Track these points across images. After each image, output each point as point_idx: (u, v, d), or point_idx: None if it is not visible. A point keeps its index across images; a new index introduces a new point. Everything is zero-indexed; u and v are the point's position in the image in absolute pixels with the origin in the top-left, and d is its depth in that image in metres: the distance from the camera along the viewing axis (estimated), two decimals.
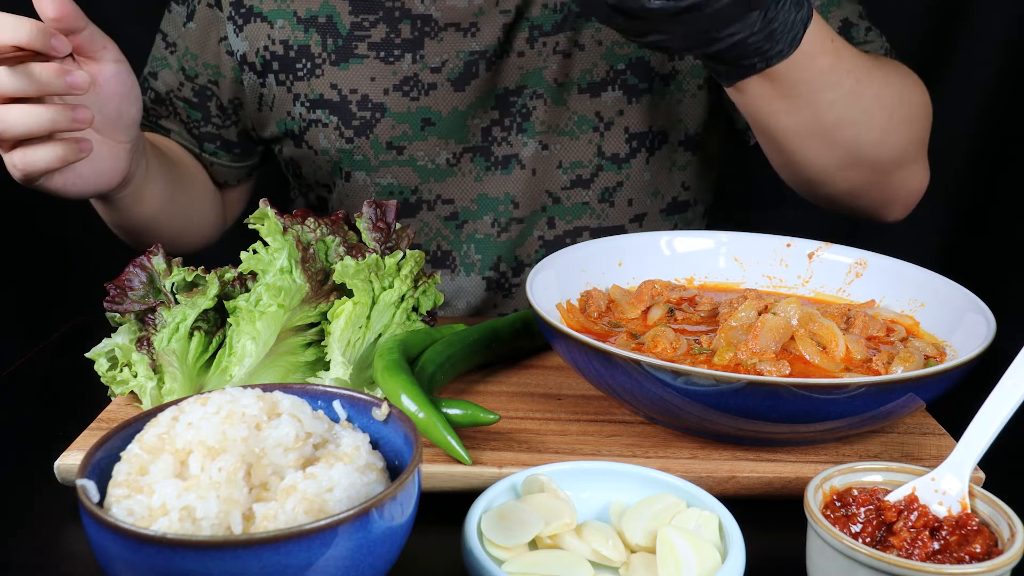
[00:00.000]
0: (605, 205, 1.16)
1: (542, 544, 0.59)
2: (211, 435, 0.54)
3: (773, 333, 0.77)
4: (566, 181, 1.15)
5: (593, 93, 1.11)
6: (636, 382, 0.69)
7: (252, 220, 0.82)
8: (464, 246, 1.18)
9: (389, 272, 0.84)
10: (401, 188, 1.15)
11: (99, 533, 0.50)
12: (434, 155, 1.13)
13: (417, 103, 1.11)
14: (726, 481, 0.70)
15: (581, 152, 1.14)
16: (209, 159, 1.23)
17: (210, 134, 1.22)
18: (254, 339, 0.77)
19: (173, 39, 1.18)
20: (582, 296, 0.88)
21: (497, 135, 1.13)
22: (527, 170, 1.14)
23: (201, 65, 1.17)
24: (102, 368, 0.81)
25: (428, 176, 1.14)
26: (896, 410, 0.68)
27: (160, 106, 1.21)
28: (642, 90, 1.12)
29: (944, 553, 0.55)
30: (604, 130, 1.13)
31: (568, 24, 1.09)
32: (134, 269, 0.81)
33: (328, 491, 0.54)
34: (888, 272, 0.89)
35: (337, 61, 1.11)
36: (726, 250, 0.95)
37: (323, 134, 1.14)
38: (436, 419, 0.70)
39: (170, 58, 1.19)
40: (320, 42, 1.11)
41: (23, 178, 0.87)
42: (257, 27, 1.13)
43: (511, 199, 1.15)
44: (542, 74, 1.11)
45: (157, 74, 1.20)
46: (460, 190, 1.15)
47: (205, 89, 1.18)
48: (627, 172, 1.15)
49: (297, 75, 1.13)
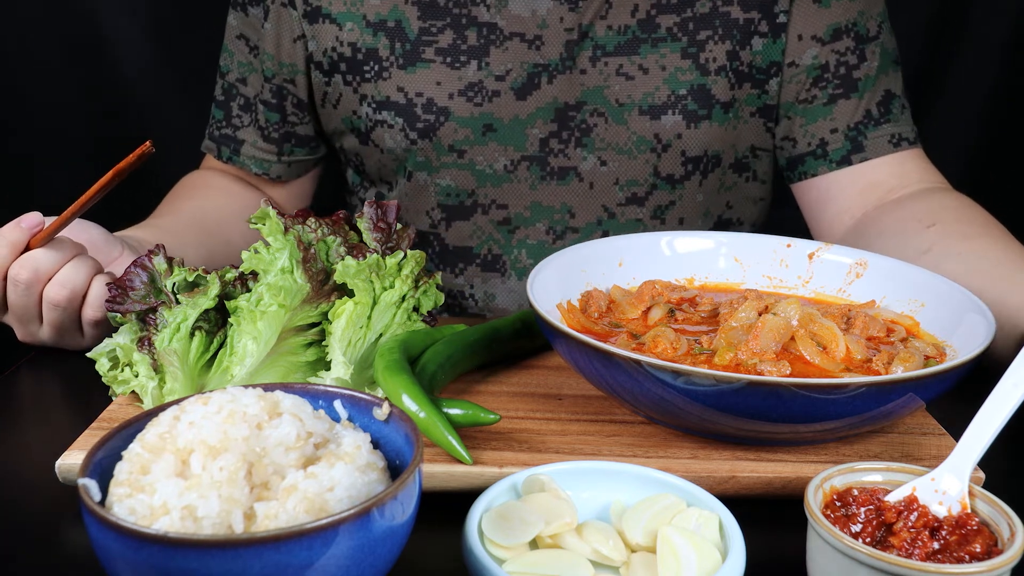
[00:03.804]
0: (657, 222, 1.19)
1: (543, 544, 0.59)
2: (212, 434, 0.54)
3: (773, 333, 0.77)
4: (622, 198, 1.17)
5: (653, 116, 1.13)
6: (636, 382, 0.69)
7: (253, 220, 0.82)
8: (515, 251, 1.20)
9: (390, 272, 0.84)
10: (459, 190, 1.18)
11: (101, 532, 0.50)
12: (493, 160, 1.15)
13: (480, 109, 1.13)
14: (726, 481, 0.70)
15: (638, 171, 1.16)
16: (287, 159, 1.26)
17: (287, 134, 1.25)
18: (255, 339, 0.77)
19: (255, 42, 1.21)
20: (583, 296, 0.89)
21: (555, 147, 1.15)
22: (585, 183, 1.17)
23: (278, 65, 1.20)
24: (103, 368, 0.81)
25: (485, 180, 1.17)
26: (896, 410, 0.69)
27: (246, 112, 1.24)
28: (701, 116, 1.14)
29: (944, 553, 0.55)
30: (661, 151, 1.15)
31: (632, 48, 1.12)
32: (135, 269, 0.81)
33: (329, 490, 0.54)
34: (888, 272, 0.89)
35: (404, 65, 1.14)
36: (726, 250, 0.95)
37: (389, 135, 1.16)
38: (437, 419, 0.70)
39: (255, 61, 1.21)
40: (388, 46, 1.14)
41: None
42: (325, 28, 1.16)
43: (568, 209, 1.18)
44: (603, 93, 1.13)
45: (246, 79, 1.23)
46: (515, 196, 1.18)
47: (282, 88, 1.22)
48: (680, 192, 1.18)
49: (365, 77, 1.15)
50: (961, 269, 0.90)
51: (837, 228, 1.16)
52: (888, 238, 1.04)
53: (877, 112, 1.14)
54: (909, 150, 1.15)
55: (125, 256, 0.97)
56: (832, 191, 1.16)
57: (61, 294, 0.89)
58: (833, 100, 1.14)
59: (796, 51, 1.14)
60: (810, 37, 1.13)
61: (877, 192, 1.14)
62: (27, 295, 0.89)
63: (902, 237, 1.02)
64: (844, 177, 1.15)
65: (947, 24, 1.66)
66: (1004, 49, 1.64)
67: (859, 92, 1.14)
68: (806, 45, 1.13)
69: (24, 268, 0.88)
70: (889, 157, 1.14)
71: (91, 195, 0.85)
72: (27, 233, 0.89)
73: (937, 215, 1.03)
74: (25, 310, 0.90)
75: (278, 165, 1.26)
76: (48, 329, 0.92)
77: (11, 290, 0.89)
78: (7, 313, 0.92)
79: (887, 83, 1.16)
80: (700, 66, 1.12)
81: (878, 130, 1.14)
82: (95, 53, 1.64)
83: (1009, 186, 1.69)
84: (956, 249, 0.96)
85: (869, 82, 1.14)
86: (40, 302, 0.90)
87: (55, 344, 0.94)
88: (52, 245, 0.89)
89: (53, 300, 0.89)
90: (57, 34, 1.61)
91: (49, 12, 1.59)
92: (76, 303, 0.90)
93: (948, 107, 1.69)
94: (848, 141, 1.14)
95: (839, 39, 1.13)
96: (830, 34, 1.13)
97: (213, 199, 1.23)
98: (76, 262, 0.90)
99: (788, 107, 1.17)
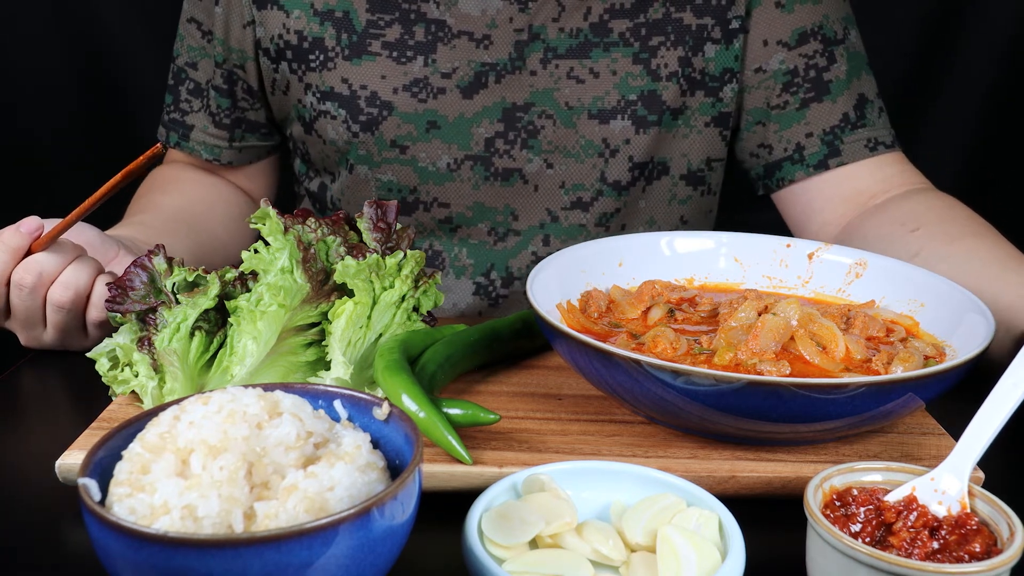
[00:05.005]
0: (601, 229, 1.18)
1: (542, 543, 0.59)
2: (212, 434, 0.54)
3: (773, 333, 0.77)
4: (566, 202, 1.17)
5: (602, 120, 1.13)
6: (636, 382, 0.69)
7: (253, 220, 0.82)
8: (456, 249, 1.19)
9: (390, 272, 0.84)
10: (400, 186, 1.17)
11: (101, 532, 0.50)
12: (436, 158, 1.14)
13: (424, 105, 1.12)
14: (726, 481, 0.70)
15: (584, 175, 1.16)
16: (238, 145, 1.25)
17: (238, 119, 1.24)
18: (255, 339, 0.77)
19: (208, 27, 1.20)
20: (582, 296, 0.89)
21: (500, 147, 1.14)
22: (530, 185, 1.16)
23: (227, 50, 1.19)
24: (103, 368, 0.81)
25: (428, 178, 1.15)
26: (896, 410, 0.69)
27: (196, 97, 1.23)
28: (651, 122, 1.13)
29: (944, 552, 0.55)
30: (609, 157, 1.15)
31: (583, 51, 1.11)
32: (135, 269, 0.81)
33: (329, 490, 0.54)
34: (888, 272, 0.89)
35: (350, 56, 1.13)
36: (726, 250, 0.95)
37: (331, 126, 1.15)
38: (437, 419, 0.70)
39: (207, 46, 1.20)
40: (335, 36, 1.13)
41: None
42: (273, 15, 1.15)
43: (511, 211, 1.17)
44: (552, 95, 1.13)
45: (197, 64, 1.22)
46: (457, 195, 1.16)
47: (232, 74, 1.21)
48: (625, 199, 1.17)
49: (310, 66, 1.14)
50: (951, 272, 0.90)
51: (823, 239, 1.16)
52: (873, 244, 1.04)
53: (853, 115, 1.14)
54: (887, 154, 1.15)
55: (122, 256, 0.97)
56: (815, 203, 1.17)
57: (66, 296, 0.89)
58: (806, 104, 1.15)
59: (762, 56, 1.14)
60: (775, 42, 1.13)
61: (859, 199, 1.14)
62: (31, 299, 0.89)
63: (888, 243, 1.02)
64: (826, 187, 1.15)
65: (944, 23, 1.66)
66: (1002, 48, 1.64)
67: (831, 95, 1.14)
68: (772, 50, 1.13)
69: (28, 272, 0.88)
70: (868, 162, 1.14)
71: (99, 197, 0.85)
72: (27, 238, 0.89)
73: (921, 218, 1.03)
74: (29, 314, 0.90)
75: (229, 151, 1.25)
76: (52, 332, 0.92)
77: (15, 294, 0.89)
78: (10, 319, 0.93)
79: (860, 87, 1.15)
80: (651, 72, 1.12)
81: (854, 134, 1.14)
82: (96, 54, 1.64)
83: (1007, 185, 1.69)
84: (943, 252, 0.96)
85: (841, 85, 1.14)
86: (44, 305, 0.90)
87: (59, 347, 0.94)
88: (53, 248, 0.89)
89: (57, 302, 0.89)
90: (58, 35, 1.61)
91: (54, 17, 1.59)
92: (80, 304, 0.90)
93: (946, 106, 1.70)
94: (824, 145, 1.14)
95: (806, 43, 1.13)
96: (796, 38, 1.13)
97: (189, 192, 1.22)
98: (78, 264, 0.90)
99: (759, 113, 1.17)
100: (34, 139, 1.66)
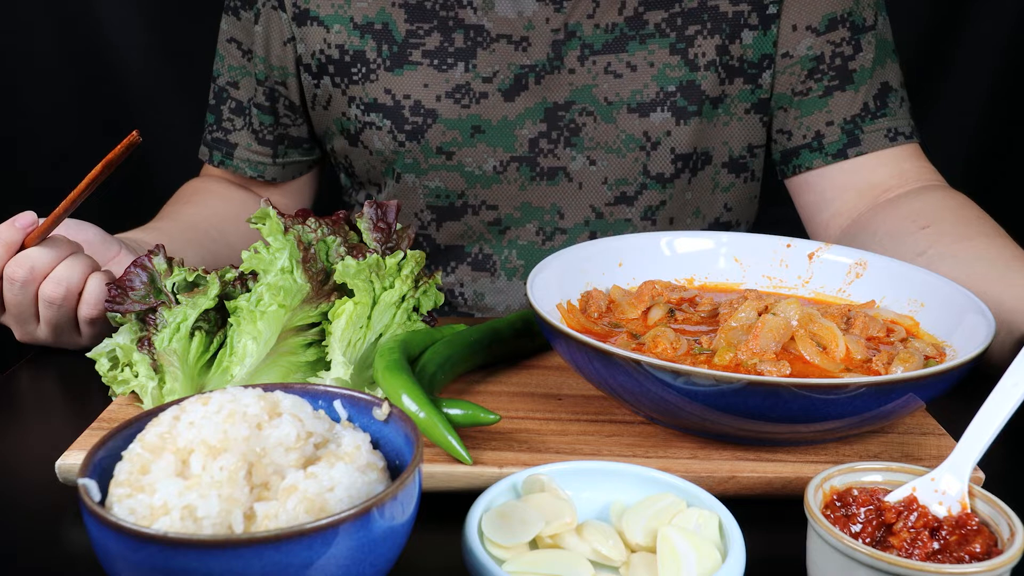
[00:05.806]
0: (647, 223, 1.19)
1: (543, 544, 0.59)
2: (212, 434, 0.54)
3: (773, 333, 0.77)
4: (610, 197, 1.17)
5: (642, 113, 1.13)
6: (636, 382, 0.69)
7: (253, 220, 0.82)
8: (505, 251, 1.20)
9: (390, 272, 0.84)
10: (448, 192, 1.18)
11: (100, 532, 0.50)
12: (482, 162, 1.15)
13: (468, 110, 1.14)
14: (726, 481, 0.70)
15: (627, 170, 1.16)
16: (282, 161, 1.27)
17: (280, 136, 1.25)
18: (255, 339, 0.77)
19: (248, 46, 1.21)
20: (582, 296, 0.89)
21: (544, 147, 1.15)
22: (574, 183, 1.17)
23: (269, 67, 1.20)
24: (103, 368, 0.81)
25: (475, 182, 1.17)
26: (896, 410, 0.69)
27: (238, 116, 1.25)
28: (691, 112, 1.13)
29: (944, 553, 0.55)
30: (651, 150, 1.15)
31: (620, 45, 1.11)
32: (135, 269, 0.81)
33: (329, 490, 0.54)
34: (888, 272, 0.89)
35: (392, 67, 1.14)
36: (726, 250, 0.95)
37: (377, 136, 1.17)
38: (437, 419, 0.70)
39: (248, 65, 1.22)
40: (375, 48, 1.14)
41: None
42: (313, 30, 1.16)
43: (557, 209, 1.18)
44: (591, 91, 1.13)
45: (238, 83, 1.24)
46: (504, 197, 1.18)
47: (274, 91, 1.22)
48: (670, 192, 1.18)
49: (352, 79, 1.16)
50: (957, 271, 0.90)
51: (833, 229, 1.16)
52: (883, 239, 1.04)
53: (874, 105, 1.14)
54: (906, 145, 1.14)
55: (123, 255, 0.97)
56: (829, 193, 1.16)
57: (56, 291, 0.89)
58: (829, 92, 1.14)
59: (790, 42, 1.13)
60: (804, 27, 1.13)
61: (873, 192, 1.13)
62: (23, 293, 0.89)
63: (897, 239, 1.02)
64: (841, 177, 1.15)
65: (947, 23, 1.66)
66: (1003, 49, 1.64)
67: (855, 84, 1.14)
68: (800, 36, 1.13)
69: (20, 266, 0.88)
70: (886, 154, 1.14)
71: (82, 189, 0.85)
72: (22, 232, 0.89)
73: (932, 216, 1.03)
74: (22, 308, 0.90)
75: (273, 167, 1.27)
76: (45, 328, 0.92)
77: (7, 288, 0.89)
78: (4, 313, 0.93)
79: (884, 75, 1.15)
80: (689, 62, 1.12)
81: (874, 124, 1.14)
82: (93, 54, 1.64)
83: (1008, 185, 1.69)
84: (951, 251, 0.96)
85: (865, 74, 1.14)
86: (36, 300, 0.90)
87: (53, 343, 0.94)
88: (47, 243, 0.89)
89: (48, 297, 0.89)
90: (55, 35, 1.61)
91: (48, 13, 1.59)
92: (72, 301, 0.90)
93: (947, 106, 1.70)
94: (844, 134, 1.14)
95: (834, 29, 1.13)
96: (825, 24, 1.12)
97: (212, 204, 1.23)
98: (71, 260, 0.90)
99: (782, 99, 1.16)
100: (32, 135, 1.65)
